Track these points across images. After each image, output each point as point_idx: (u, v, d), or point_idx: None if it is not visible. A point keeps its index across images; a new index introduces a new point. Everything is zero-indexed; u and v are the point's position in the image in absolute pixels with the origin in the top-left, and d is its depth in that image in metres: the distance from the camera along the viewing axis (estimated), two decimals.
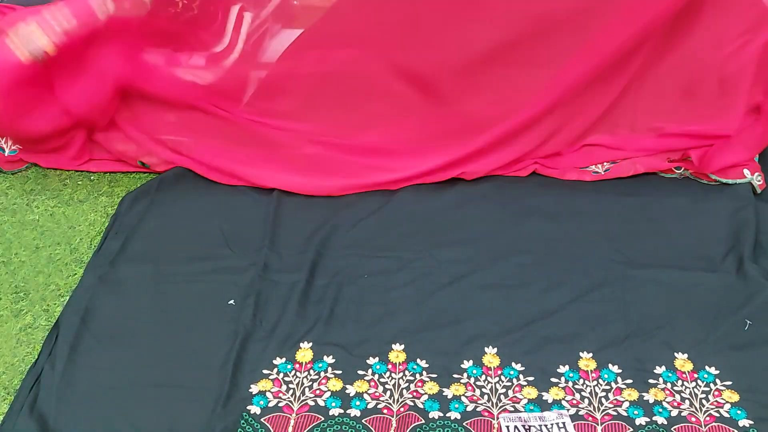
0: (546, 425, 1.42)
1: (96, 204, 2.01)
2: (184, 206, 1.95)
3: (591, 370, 1.52)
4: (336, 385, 1.50)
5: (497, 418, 1.43)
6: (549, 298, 1.66)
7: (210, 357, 1.55)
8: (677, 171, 1.97)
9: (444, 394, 1.48)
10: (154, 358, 1.56)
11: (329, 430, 1.42)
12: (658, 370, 1.51)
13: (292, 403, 1.47)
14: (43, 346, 1.60)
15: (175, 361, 1.55)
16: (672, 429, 1.41)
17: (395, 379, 1.51)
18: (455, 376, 1.51)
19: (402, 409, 1.45)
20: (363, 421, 1.43)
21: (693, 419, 1.42)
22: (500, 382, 1.50)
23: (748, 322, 1.58)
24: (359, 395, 1.48)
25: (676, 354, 1.54)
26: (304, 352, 1.57)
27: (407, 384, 1.50)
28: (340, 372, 1.53)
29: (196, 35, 1.98)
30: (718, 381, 1.49)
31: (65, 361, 1.54)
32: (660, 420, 1.42)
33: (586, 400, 1.46)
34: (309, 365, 1.54)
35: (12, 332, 1.66)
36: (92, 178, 2.10)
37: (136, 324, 1.63)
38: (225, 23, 1.95)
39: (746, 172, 1.92)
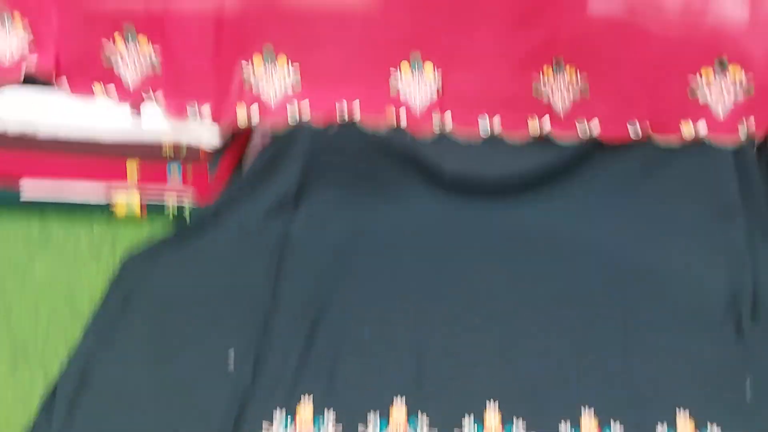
0: None
1: (98, 263, 2.01)
2: (185, 265, 1.94)
3: (593, 427, 1.51)
4: None
5: None
6: (550, 353, 1.67)
7: (210, 414, 1.53)
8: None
9: None
10: (154, 418, 1.54)
11: None
12: (660, 429, 1.50)
13: None
14: (41, 407, 1.57)
15: (175, 419, 1.54)
16: None
17: None
18: (456, 430, 1.51)
19: None
20: None
21: None
22: None
23: (749, 381, 1.58)
24: None
25: (677, 410, 1.53)
26: (305, 407, 1.56)
27: None
28: (340, 427, 1.52)
29: None
30: None
31: (62, 422, 1.52)
32: None
33: None
34: (309, 421, 1.53)
35: (8, 392, 1.65)
36: (95, 236, 2.12)
37: (135, 385, 1.62)
38: None
39: None
